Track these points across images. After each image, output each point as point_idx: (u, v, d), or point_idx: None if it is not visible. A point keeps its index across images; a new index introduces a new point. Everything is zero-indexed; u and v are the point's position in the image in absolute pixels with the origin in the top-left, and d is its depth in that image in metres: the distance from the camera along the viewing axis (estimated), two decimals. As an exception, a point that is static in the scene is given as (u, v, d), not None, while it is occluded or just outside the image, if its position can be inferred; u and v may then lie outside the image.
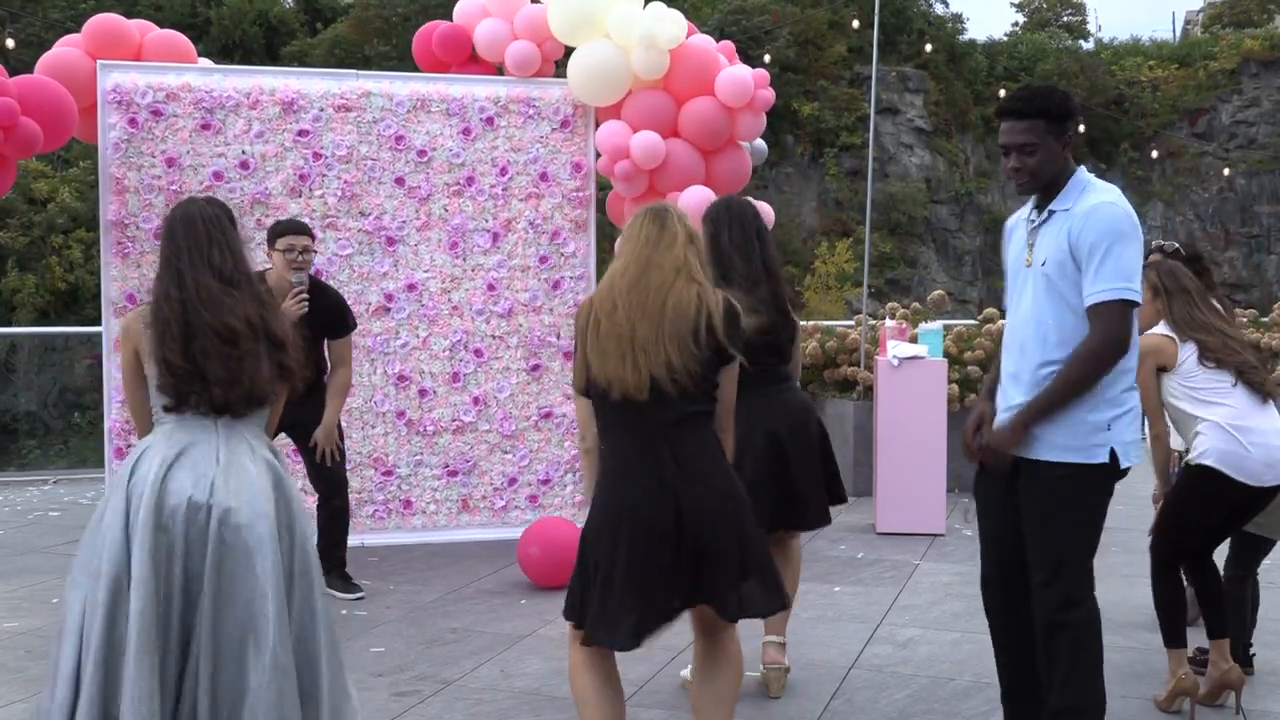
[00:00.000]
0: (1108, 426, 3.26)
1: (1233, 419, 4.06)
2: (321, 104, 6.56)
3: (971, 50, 32.68)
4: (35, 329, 19.15)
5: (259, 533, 2.96)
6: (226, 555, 2.94)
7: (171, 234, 3.18)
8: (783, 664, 4.34)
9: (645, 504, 3.03)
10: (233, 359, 3.06)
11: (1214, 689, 4.18)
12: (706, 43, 6.92)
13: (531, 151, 6.85)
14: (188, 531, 2.94)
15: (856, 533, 7.22)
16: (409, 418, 6.73)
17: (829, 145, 29.35)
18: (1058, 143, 3.31)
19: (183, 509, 2.94)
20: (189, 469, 2.99)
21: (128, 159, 6.26)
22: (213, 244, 3.15)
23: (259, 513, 2.98)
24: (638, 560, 3.01)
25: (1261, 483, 4.07)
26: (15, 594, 5.79)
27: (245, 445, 3.09)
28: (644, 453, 3.08)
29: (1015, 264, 3.45)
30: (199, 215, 3.19)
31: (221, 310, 3.07)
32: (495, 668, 4.66)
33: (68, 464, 15.71)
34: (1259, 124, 30.87)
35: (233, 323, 3.07)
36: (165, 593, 2.91)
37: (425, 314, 6.75)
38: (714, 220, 4.23)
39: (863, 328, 8.74)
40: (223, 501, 2.96)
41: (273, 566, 2.95)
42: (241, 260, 3.21)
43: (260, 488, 3.02)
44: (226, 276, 3.14)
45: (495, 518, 6.86)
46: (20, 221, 20.49)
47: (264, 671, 2.89)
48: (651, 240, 3.18)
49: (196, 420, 3.08)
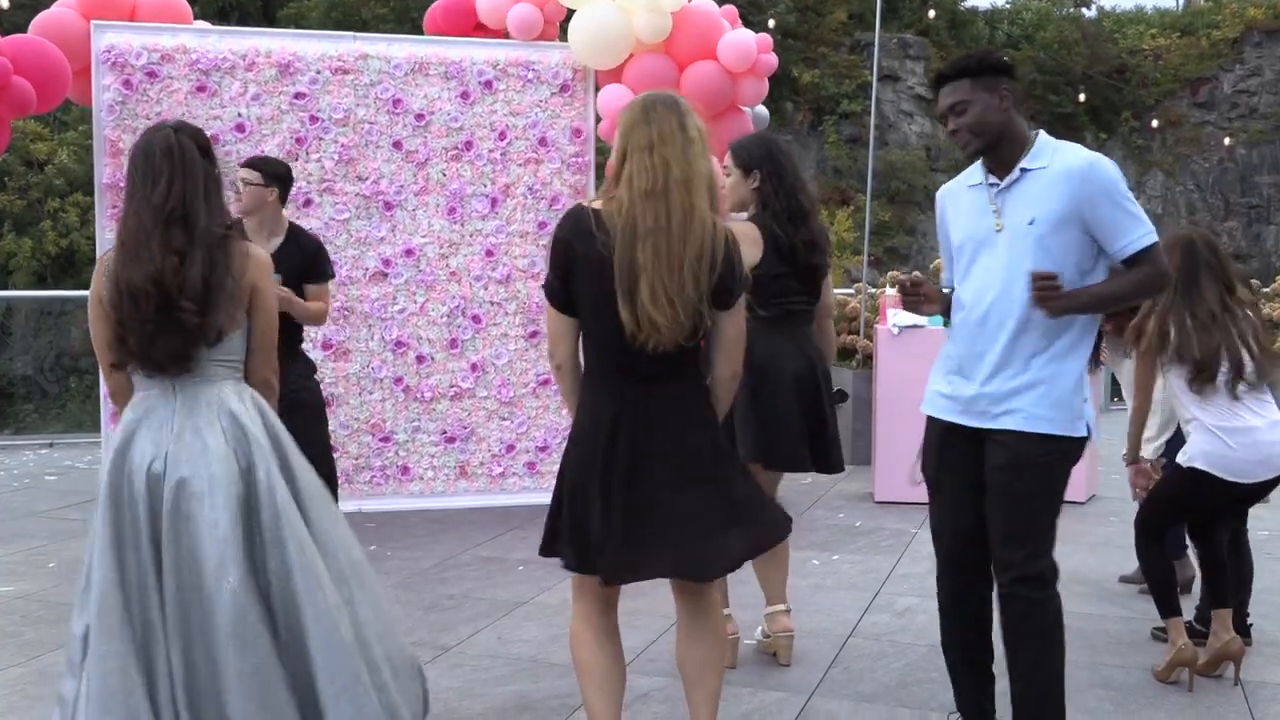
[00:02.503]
0: (1085, 399, 3.25)
1: (1216, 420, 4.05)
2: (318, 66, 6.49)
3: (973, 18, 32.44)
4: (32, 293, 19.10)
5: (213, 501, 2.83)
6: (182, 526, 2.82)
7: (130, 164, 2.97)
8: (791, 630, 4.34)
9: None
10: (140, 320, 2.85)
11: (1213, 659, 4.18)
12: (709, 6, 6.85)
13: (530, 116, 6.79)
14: (151, 504, 2.84)
15: (855, 501, 7.22)
16: (406, 384, 6.70)
17: (829, 113, 29.19)
18: (991, 96, 3.24)
19: (143, 479, 2.84)
20: (148, 438, 2.89)
21: (122, 121, 6.20)
22: (161, 177, 2.90)
23: (214, 479, 2.84)
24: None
25: (1255, 479, 4.08)
26: (12, 558, 5.78)
27: (203, 407, 2.92)
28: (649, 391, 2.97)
29: (973, 230, 3.31)
30: (158, 144, 2.94)
31: (136, 263, 2.85)
32: (493, 634, 4.66)
33: (64, 428, 15.71)
34: (1261, 94, 30.70)
35: (137, 280, 2.84)
36: (135, 564, 2.82)
37: (423, 280, 6.71)
38: (765, 159, 4.12)
39: (862, 296, 8.71)
40: (175, 472, 2.84)
41: (230, 534, 2.82)
42: (196, 194, 2.92)
43: (216, 453, 2.87)
44: (168, 215, 2.88)
45: (493, 484, 6.84)
46: (17, 184, 20.38)
47: (240, 650, 2.79)
48: (676, 142, 2.91)
49: (155, 382, 2.94)
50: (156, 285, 2.85)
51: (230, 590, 2.80)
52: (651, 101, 2.98)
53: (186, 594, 2.82)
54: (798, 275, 4.13)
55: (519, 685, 4.12)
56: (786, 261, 4.09)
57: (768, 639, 4.35)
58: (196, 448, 2.88)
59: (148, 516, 2.85)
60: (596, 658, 3.10)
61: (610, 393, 2.98)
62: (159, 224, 2.89)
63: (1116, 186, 3.15)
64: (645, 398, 2.97)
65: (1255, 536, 6.26)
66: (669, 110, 2.95)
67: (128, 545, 2.84)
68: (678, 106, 2.98)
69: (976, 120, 3.24)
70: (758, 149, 4.17)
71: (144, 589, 2.83)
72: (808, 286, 4.18)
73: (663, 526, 2.95)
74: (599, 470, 2.95)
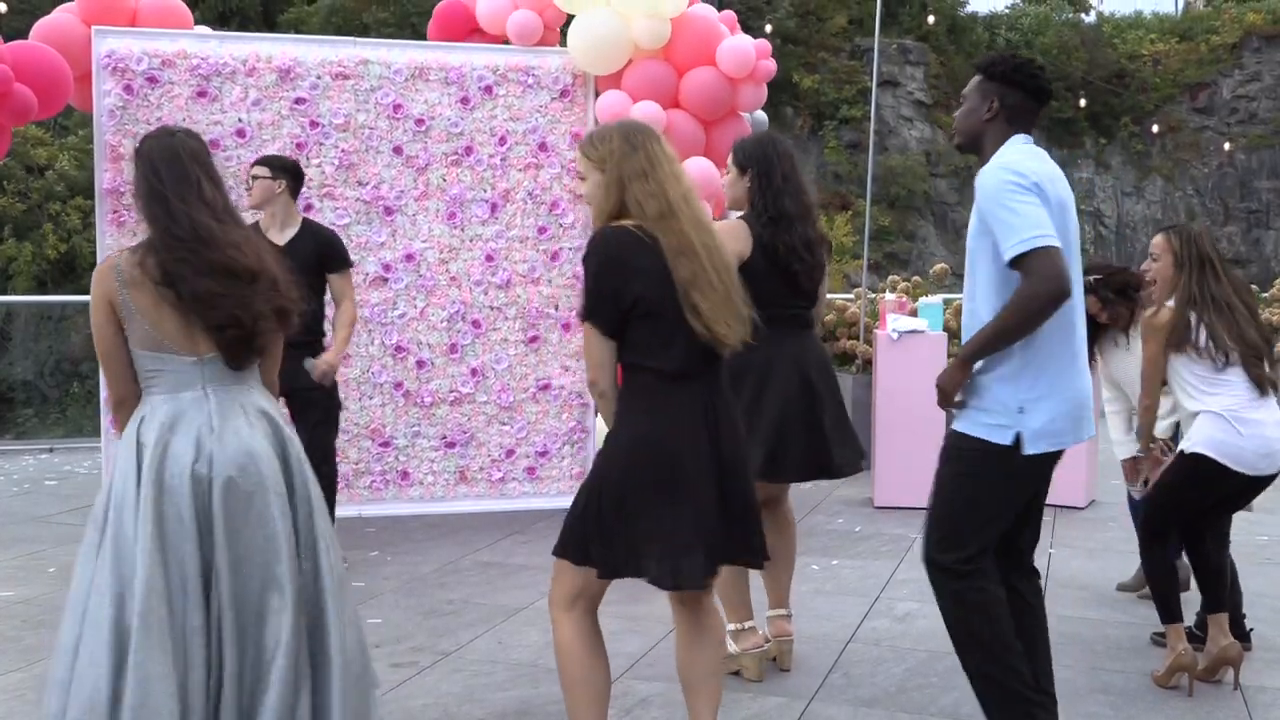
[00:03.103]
0: (1019, 409, 3.19)
1: (1231, 408, 4.05)
2: (319, 71, 6.50)
3: (973, 23, 32.50)
4: (32, 298, 19.09)
5: (266, 498, 2.85)
6: (235, 527, 2.82)
7: (154, 169, 2.94)
8: (792, 635, 4.34)
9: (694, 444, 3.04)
10: (241, 298, 2.86)
11: (1213, 664, 4.18)
12: (708, 12, 6.86)
13: (530, 121, 6.80)
14: (196, 505, 2.81)
15: (854, 506, 7.22)
16: (406, 389, 6.70)
17: (829, 118, 29.23)
18: (983, 101, 3.31)
19: (187, 481, 2.81)
20: (186, 441, 2.85)
21: (123, 126, 6.21)
22: (199, 178, 2.93)
23: (263, 479, 2.86)
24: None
25: (1257, 471, 4.08)
26: (12, 563, 5.78)
27: (238, 409, 2.92)
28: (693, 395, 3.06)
29: None
30: (181, 148, 2.96)
31: (227, 247, 2.87)
32: (493, 639, 4.66)
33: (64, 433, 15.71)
34: (1260, 99, 30.75)
35: (245, 260, 2.87)
36: (178, 570, 2.79)
37: (423, 284, 6.71)
38: (759, 159, 4.11)
39: (862, 301, 8.72)
40: (222, 472, 2.83)
41: (282, 530, 2.85)
42: (227, 195, 3.01)
43: (262, 454, 2.89)
44: (219, 213, 2.93)
45: (493, 489, 6.84)
46: (18, 189, 20.39)
47: (283, 642, 2.79)
48: (677, 175, 3.06)
49: (186, 387, 2.90)
50: (259, 268, 2.89)
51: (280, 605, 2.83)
52: (626, 130, 3.09)
53: (241, 598, 2.81)
54: (784, 280, 4.06)
55: (519, 690, 4.12)
56: (771, 264, 4.02)
57: (767, 644, 4.33)
58: (241, 448, 2.86)
59: (193, 518, 2.81)
60: (594, 667, 3.11)
61: (690, 394, 3.04)
62: (224, 219, 2.92)
63: (997, 193, 3.14)
64: (718, 395, 3.11)
65: (1254, 541, 6.28)
66: (647, 137, 3.07)
67: (170, 550, 2.80)
68: (650, 131, 3.11)
69: (960, 118, 3.40)
70: (754, 149, 4.17)
71: (185, 593, 2.80)
72: (791, 290, 4.10)
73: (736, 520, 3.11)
74: (697, 472, 3.01)
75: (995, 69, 3.32)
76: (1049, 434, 3.20)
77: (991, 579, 3.30)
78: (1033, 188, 3.13)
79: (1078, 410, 3.26)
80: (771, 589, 4.34)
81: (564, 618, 3.12)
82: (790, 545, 4.40)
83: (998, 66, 3.32)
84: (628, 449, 3.03)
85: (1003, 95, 3.29)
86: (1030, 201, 3.10)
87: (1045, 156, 3.31)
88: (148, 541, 2.78)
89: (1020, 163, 3.18)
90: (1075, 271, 3.26)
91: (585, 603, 3.13)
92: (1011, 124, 3.31)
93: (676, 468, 2.99)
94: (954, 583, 3.31)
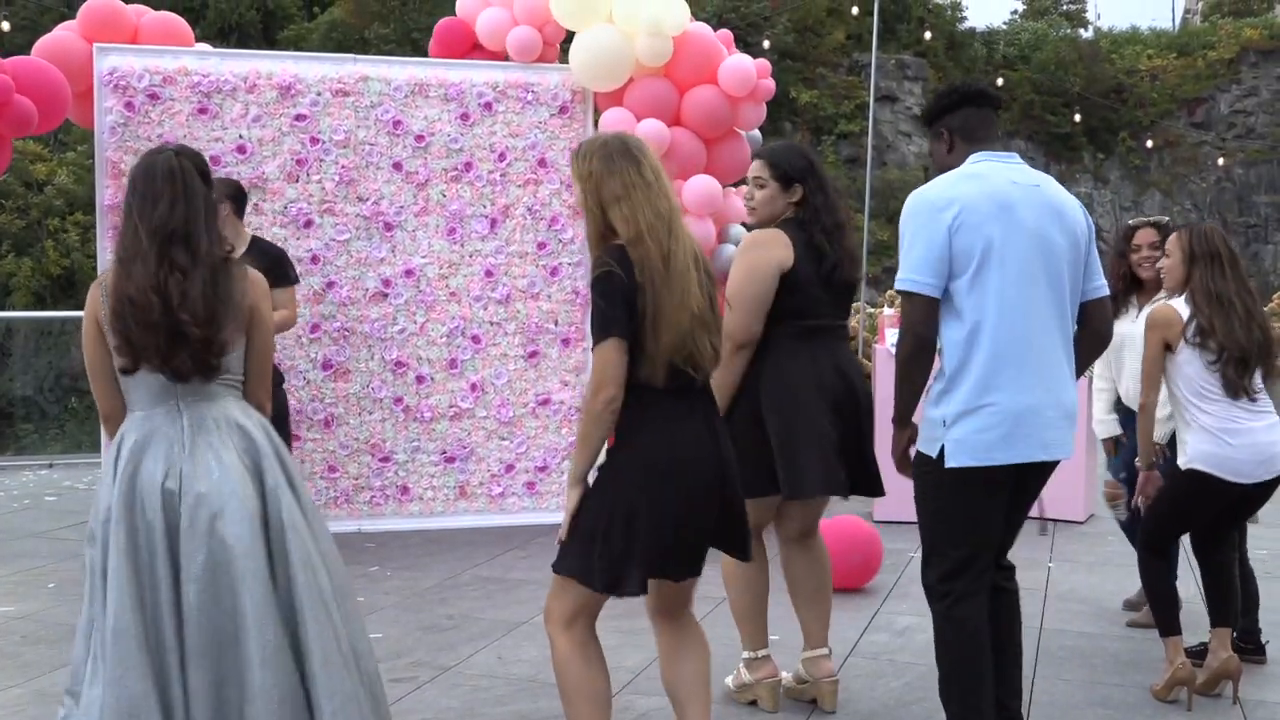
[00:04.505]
0: (943, 422, 3.22)
1: (1217, 423, 4.03)
2: (319, 88, 6.53)
3: (970, 38, 32.57)
4: (31, 313, 19.09)
5: (233, 516, 2.83)
6: (203, 542, 2.82)
7: (130, 185, 2.97)
8: (836, 677, 4.13)
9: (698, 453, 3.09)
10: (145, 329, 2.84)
11: (1212, 678, 4.17)
12: (706, 30, 6.89)
13: (530, 137, 6.83)
14: (166, 521, 2.83)
15: (853, 521, 7.22)
16: (406, 404, 6.71)
17: (827, 133, 29.27)
18: (938, 143, 3.44)
19: (157, 497, 2.83)
20: (158, 457, 2.87)
21: (124, 143, 6.23)
22: (162, 198, 2.90)
23: (232, 494, 2.85)
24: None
25: (1255, 479, 4.07)
26: (11, 578, 5.78)
27: (211, 423, 2.91)
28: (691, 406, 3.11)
29: None
30: (159, 165, 2.94)
31: (132, 278, 2.85)
32: (492, 654, 4.66)
33: (64, 448, 15.70)
34: (1257, 114, 30.81)
35: (134, 292, 2.83)
36: (150, 584, 2.81)
37: (423, 300, 6.73)
38: (807, 170, 3.95)
39: (861, 316, 8.74)
40: (192, 488, 2.83)
41: (252, 548, 2.84)
42: (198, 217, 2.93)
43: (233, 468, 2.87)
44: (169, 234, 2.87)
45: (492, 504, 6.85)
46: (17, 204, 20.42)
47: (262, 664, 2.80)
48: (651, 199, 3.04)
49: (159, 402, 2.92)
50: (158, 295, 2.84)
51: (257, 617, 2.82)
52: (608, 150, 3.08)
53: (211, 610, 2.82)
54: (831, 291, 3.94)
55: (518, 705, 4.12)
56: (822, 276, 3.90)
57: (804, 684, 4.12)
58: (212, 463, 2.88)
59: (164, 533, 2.83)
60: (595, 680, 3.12)
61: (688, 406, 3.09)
62: (160, 241, 2.89)
63: (902, 222, 3.26)
64: (711, 404, 3.18)
65: (1255, 556, 6.27)
66: (625, 157, 3.06)
67: (143, 566, 2.82)
68: (629, 150, 3.09)
69: (934, 166, 3.47)
70: (799, 160, 3.96)
71: (157, 607, 2.82)
72: (838, 302, 4.00)
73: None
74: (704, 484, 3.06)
75: (930, 115, 3.45)
76: (972, 448, 3.18)
77: (972, 605, 3.29)
78: (935, 213, 3.17)
79: (1017, 427, 3.17)
80: (808, 626, 4.13)
81: (563, 633, 3.13)
82: (827, 579, 4.17)
83: (931, 111, 3.45)
84: (642, 466, 3.02)
85: (949, 125, 3.38)
86: (920, 237, 3.17)
87: (991, 169, 3.27)
88: (119, 557, 2.81)
89: (931, 188, 3.24)
90: (1047, 280, 3.22)
91: (585, 619, 3.14)
92: (970, 142, 3.36)
93: (690, 480, 3.04)
94: (935, 603, 3.36)
